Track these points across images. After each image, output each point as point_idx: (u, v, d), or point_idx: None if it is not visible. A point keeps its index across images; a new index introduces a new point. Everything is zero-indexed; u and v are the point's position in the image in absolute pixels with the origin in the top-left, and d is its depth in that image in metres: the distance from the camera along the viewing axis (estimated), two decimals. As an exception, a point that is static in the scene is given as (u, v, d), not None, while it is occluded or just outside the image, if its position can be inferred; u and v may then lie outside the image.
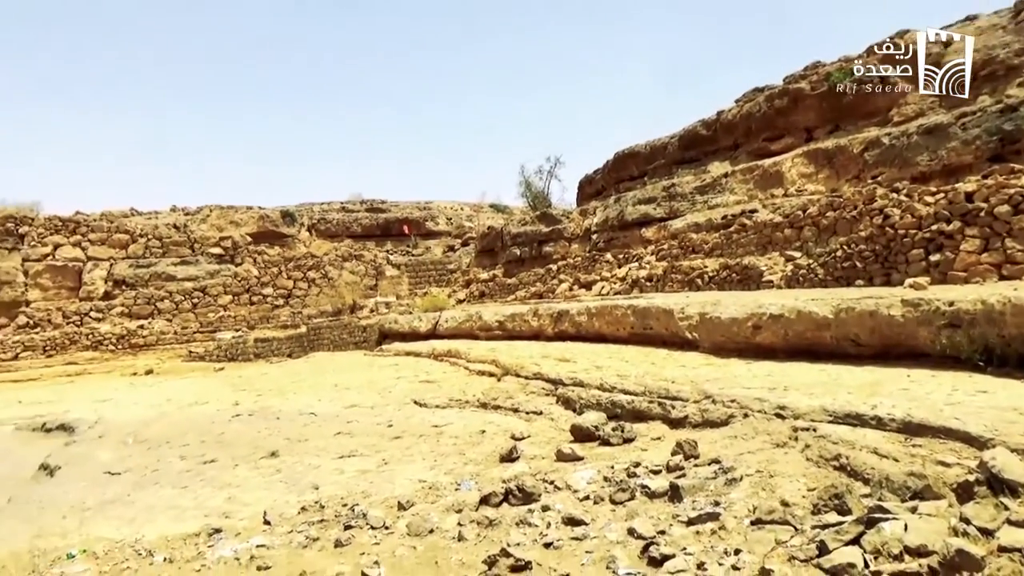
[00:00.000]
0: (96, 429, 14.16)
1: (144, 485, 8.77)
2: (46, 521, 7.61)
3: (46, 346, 28.97)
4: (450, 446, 9.35)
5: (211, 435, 11.86)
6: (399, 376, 17.08)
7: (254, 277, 34.94)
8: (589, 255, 24.51)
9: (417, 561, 5.17)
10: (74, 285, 33.29)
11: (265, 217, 38.79)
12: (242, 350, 28.75)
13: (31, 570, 6.16)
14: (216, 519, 7.00)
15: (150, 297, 32.84)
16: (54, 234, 33.74)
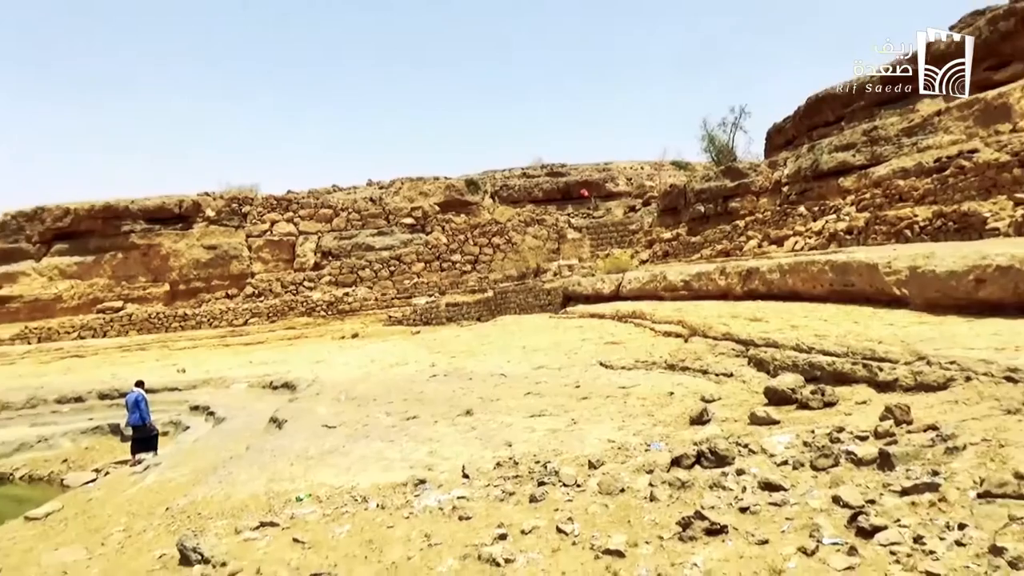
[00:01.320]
0: (313, 387, 15.67)
1: (356, 438, 9.59)
2: (277, 467, 8.56)
3: (269, 313, 32.39)
4: (638, 407, 9.33)
5: (412, 393, 12.71)
6: (584, 338, 17.25)
7: (443, 244, 36.67)
8: (779, 209, 23.11)
9: (610, 519, 5.24)
10: (289, 257, 36.84)
11: (451, 187, 40.41)
12: (435, 314, 30.41)
13: (268, 510, 6.98)
14: (420, 471, 7.52)
15: (353, 266, 35.59)
16: (271, 211, 37.48)
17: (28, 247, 37.19)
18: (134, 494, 9.61)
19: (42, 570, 6.97)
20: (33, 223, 37.52)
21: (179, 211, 37.12)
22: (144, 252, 36.45)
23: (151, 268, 36.54)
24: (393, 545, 5.43)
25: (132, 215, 36.81)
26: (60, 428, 18.20)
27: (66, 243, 37.16)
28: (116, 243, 36.64)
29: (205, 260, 36.02)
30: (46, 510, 9.99)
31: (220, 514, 7.12)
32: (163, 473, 10.52)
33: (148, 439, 13.43)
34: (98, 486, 11.58)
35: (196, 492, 8.15)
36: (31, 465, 16.84)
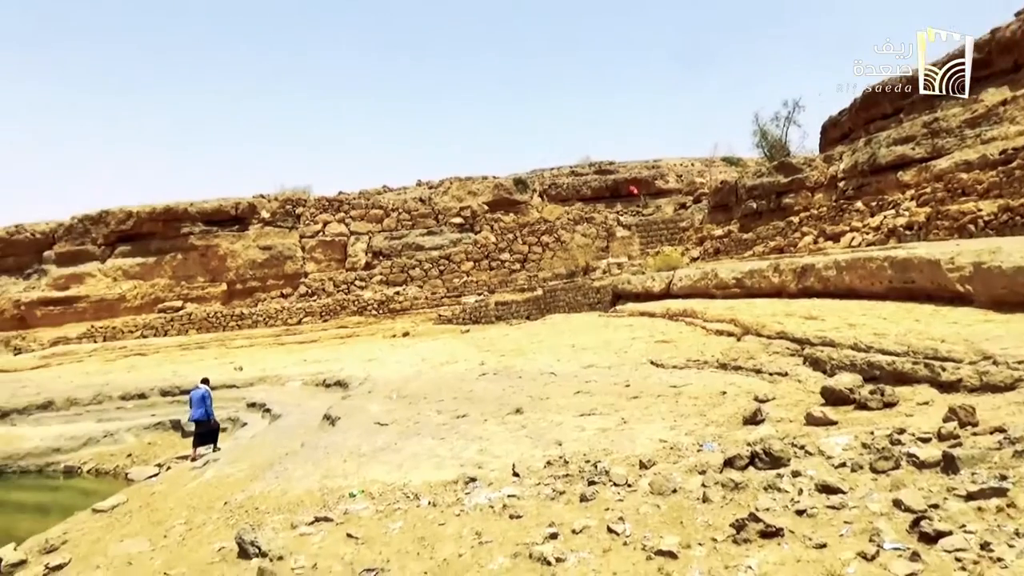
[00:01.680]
0: (365, 385, 15.91)
1: (408, 435, 9.70)
2: (331, 464, 8.72)
3: (322, 312, 32.99)
4: (689, 407, 9.21)
5: (461, 392, 12.80)
6: (634, 336, 17.11)
7: (492, 243, 36.80)
8: (835, 204, 22.51)
9: (661, 520, 5.19)
10: (341, 257, 37.46)
11: (499, 186, 40.50)
12: (484, 313, 30.52)
13: (322, 505, 7.11)
14: (471, 469, 7.56)
15: (403, 266, 35.99)
16: (323, 212, 38.16)
17: (94, 249, 38.64)
18: (194, 488, 9.90)
19: (108, 560, 7.23)
20: (98, 226, 38.96)
21: (235, 213, 38.08)
22: (202, 253, 37.51)
23: (209, 268, 37.57)
24: (444, 542, 5.48)
25: (191, 217, 37.91)
26: (124, 424, 18.87)
27: (129, 245, 38.50)
28: (176, 244, 37.80)
29: (260, 260, 36.87)
30: (112, 503, 10.37)
31: (276, 509, 7.28)
32: (222, 468, 10.80)
33: (210, 433, 13.84)
34: (160, 480, 11.97)
35: (253, 487, 8.35)
36: (97, 459, 17.51)
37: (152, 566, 6.56)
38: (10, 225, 40.63)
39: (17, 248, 40.07)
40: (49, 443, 17.98)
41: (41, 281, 38.67)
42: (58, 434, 18.48)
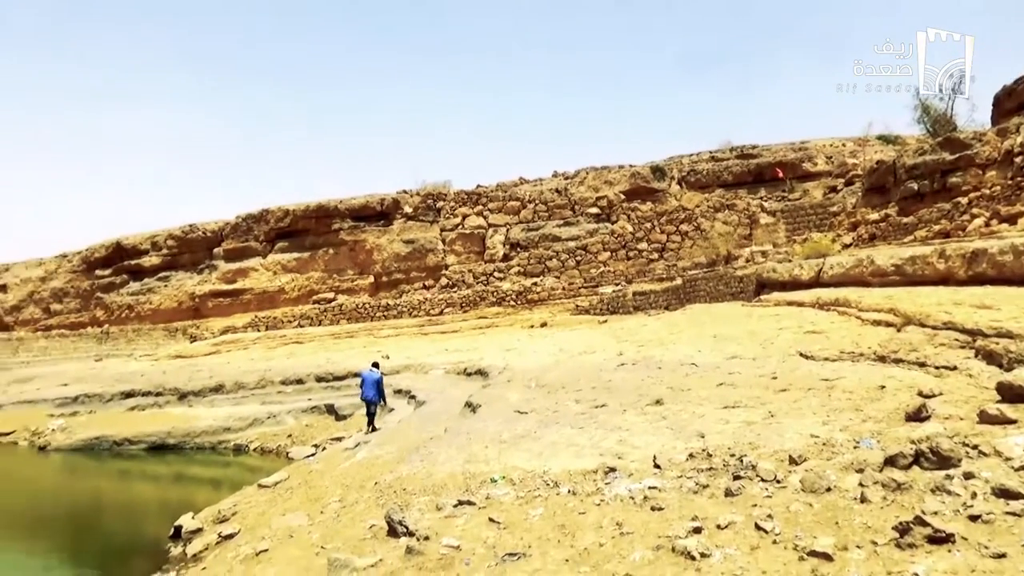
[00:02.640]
0: (505, 374, 16.18)
1: (547, 424, 9.76)
2: (473, 449, 8.93)
3: (462, 303, 33.89)
4: (843, 401, 8.66)
5: (600, 382, 12.73)
6: (781, 327, 16.33)
7: (629, 233, 36.32)
8: (1011, 182, 20.33)
9: (814, 519, 4.91)
10: (480, 249, 38.28)
11: (636, 174, 39.84)
12: (622, 303, 30.21)
13: (465, 489, 7.30)
14: (610, 459, 7.50)
15: (540, 257, 36.27)
16: (462, 206, 39.14)
17: (256, 245, 41.80)
18: (347, 468, 10.47)
19: (272, 532, 7.81)
20: (259, 224, 42.10)
21: (381, 208, 39.88)
22: (351, 247, 39.59)
23: (357, 262, 39.60)
24: (585, 531, 5.47)
25: (340, 214, 40.11)
26: (285, 407, 20.29)
27: (286, 241, 41.32)
28: (328, 240, 40.16)
29: (404, 253, 38.40)
30: (275, 479, 11.20)
31: (422, 491, 7.55)
32: (372, 450, 11.35)
33: (375, 413, 14.59)
34: (317, 460, 12.76)
35: (401, 469, 8.71)
36: (262, 439, 18.94)
37: (310, 539, 7.00)
38: (185, 225, 44.72)
39: (191, 246, 44.05)
40: (220, 423, 19.67)
41: (212, 275, 42.30)
42: (228, 415, 20.18)
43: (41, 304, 48.44)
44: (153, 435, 19.52)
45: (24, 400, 26.07)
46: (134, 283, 44.87)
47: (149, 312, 43.11)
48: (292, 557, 6.44)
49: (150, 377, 25.71)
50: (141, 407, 22.77)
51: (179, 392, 22.92)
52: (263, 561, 6.62)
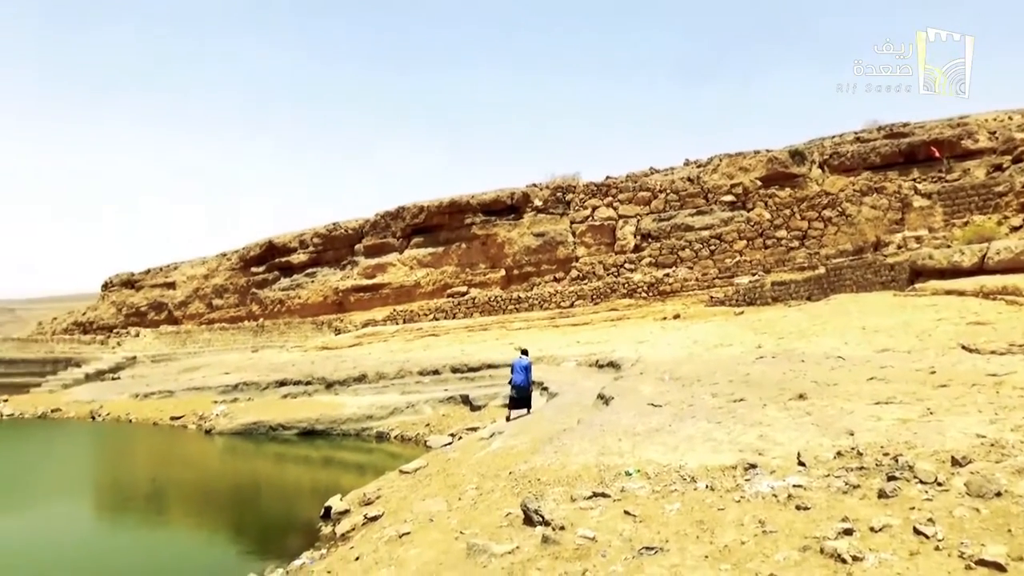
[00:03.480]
0: (637, 367, 15.99)
1: (682, 417, 9.55)
2: (606, 442, 8.89)
3: (593, 295, 33.77)
4: (1015, 398, 7.91)
5: (737, 375, 12.30)
6: (939, 318, 15.12)
7: (766, 220, 34.80)
8: None
9: (982, 525, 4.52)
10: (610, 241, 38.00)
11: (773, 159, 38.06)
12: (759, 294, 29.01)
13: (599, 481, 7.28)
14: (750, 454, 7.23)
15: (672, 247, 35.50)
16: (591, 197, 38.99)
17: (393, 241, 43.60)
18: (483, 457, 10.71)
19: (414, 516, 8.12)
20: (396, 220, 43.88)
21: (511, 202, 40.45)
22: (483, 241, 40.44)
23: (489, 256, 40.40)
24: (725, 528, 5.31)
25: (472, 209, 41.06)
26: (423, 396, 21.06)
27: (421, 236, 42.83)
28: (460, 234, 41.24)
29: (534, 247, 38.76)
30: (415, 466, 11.65)
31: (556, 481, 7.60)
32: (506, 441, 11.55)
33: (524, 399, 14.86)
34: (454, 448, 13.15)
35: (535, 460, 8.80)
36: (402, 427, 19.75)
37: (449, 524, 7.23)
38: (329, 223, 47.34)
39: (335, 243, 46.60)
40: (364, 411, 20.69)
41: (353, 271, 44.54)
42: (370, 403, 21.20)
43: (204, 300, 52.84)
44: (304, 421, 20.83)
45: (192, 387, 28.60)
46: (284, 279, 48.07)
47: (298, 306, 46.01)
48: (433, 540, 6.67)
49: (300, 367, 27.43)
50: (293, 395, 24.37)
51: (326, 381, 24.33)
52: (406, 543, 6.90)
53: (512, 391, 14.60)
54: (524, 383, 14.50)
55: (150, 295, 56.72)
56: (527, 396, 14.92)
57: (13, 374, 35.84)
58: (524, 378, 14.46)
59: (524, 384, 14.50)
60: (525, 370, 14.53)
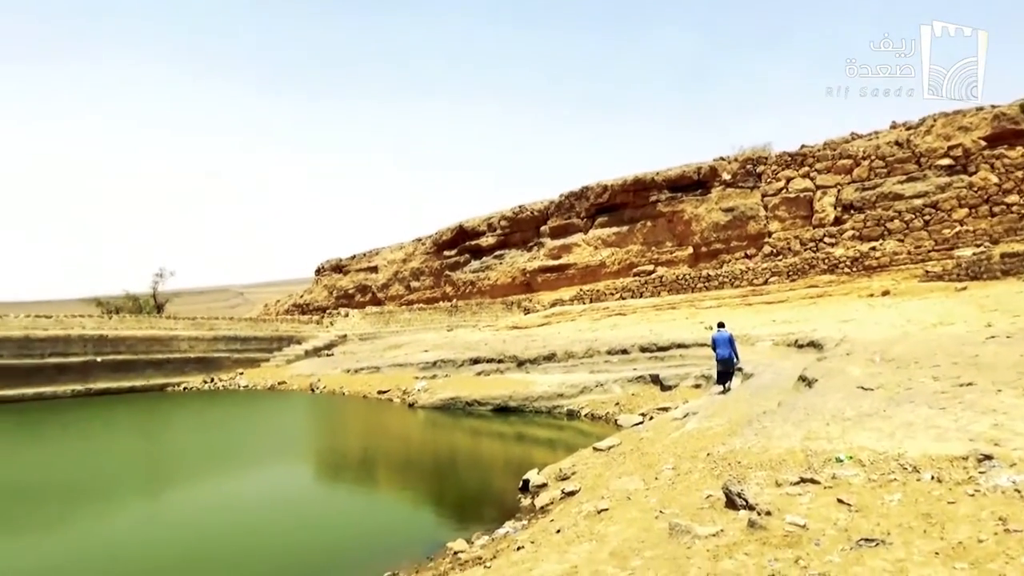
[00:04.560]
0: (842, 347, 14.96)
1: (898, 402, 8.82)
2: (812, 426, 8.43)
3: (788, 271, 31.91)
4: None
5: (963, 357, 11.14)
6: None
7: (993, 185, 30.90)
8: None
9: None
10: (806, 214, 35.68)
11: (1000, 116, 33.59)
12: (986, 267, 25.91)
13: (806, 467, 6.93)
14: (983, 444, 6.54)
15: (878, 218, 32.62)
16: (785, 169, 36.79)
17: (577, 222, 43.91)
18: (677, 438, 10.58)
19: (611, 493, 8.21)
20: (580, 200, 44.13)
21: (697, 177, 39.20)
22: (669, 219, 39.60)
23: (675, 233, 39.50)
24: (957, 523, 4.86)
25: (657, 186, 40.29)
26: (611, 376, 21.10)
27: (605, 216, 42.74)
28: (645, 212, 40.66)
29: (723, 222, 37.33)
30: (608, 444, 11.75)
31: (758, 465, 7.34)
32: (700, 422, 11.31)
33: (727, 373, 14.62)
34: (646, 428, 13.10)
35: (733, 442, 8.55)
36: (591, 405, 19.95)
37: (648, 503, 7.23)
38: (515, 206, 48.60)
39: (521, 225, 47.78)
40: (554, 389, 21.13)
41: (539, 252, 45.44)
42: (560, 382, 21.60)
43: (403, 282, 56.43)
44: (497, 398, 21.68)
45: (396, 364, 30.74)
46: (475, 261, 50.11)
47: (488, 287, 47.79)
48: (631, 518, 6.71)
49: (492, 346, 28.52)
50: (486, 372, 25.42)
51: (517, 360, 25.11)
52: (604, 519, 7.00)
53: (719, 365, 14.37)
54: (729, 356, 14.19)
55: (356, 278, 61.58)
56: (732, 370, 14.61)
57: (247, 350, 40.52)
58: (729, 351, 14.15)
59: (729, 357, 14.20)
60: (729, 343, 14.21)
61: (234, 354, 39.56)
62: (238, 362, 39.20)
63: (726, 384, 14.40)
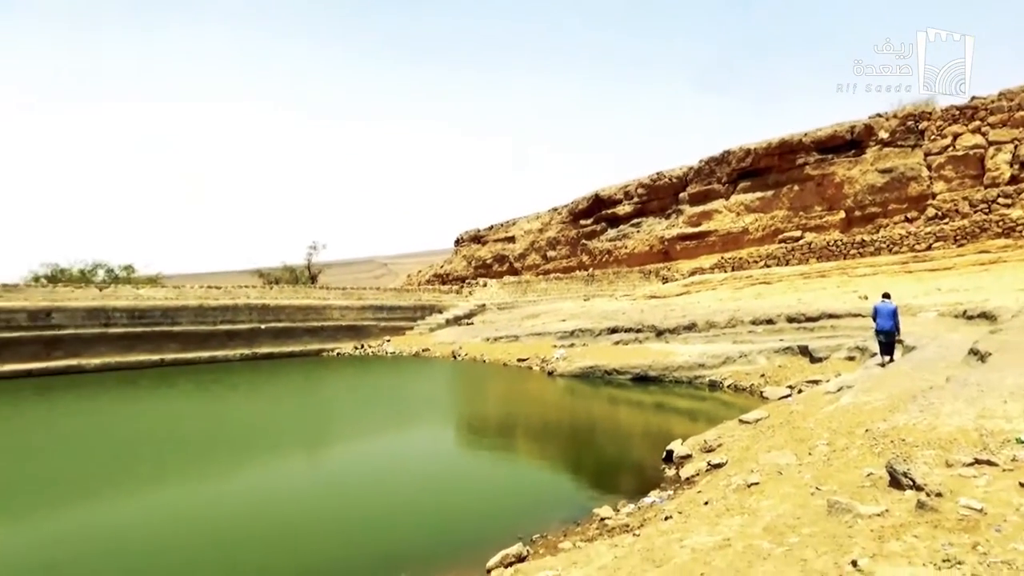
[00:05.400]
0: (1020, 318, 13.67)
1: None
2: (987, 403, 7.79)
3: (955, 235, 29.32)
4: None
5: None
6: None
7: None
8: None
9: None
10: (976, 173, 32.55)
11: None
12: None
13: (981, 447, 6.43)
14: None
15: (1065, 175, 29.21)
16: (951, 124, 33.64)
17: (718, 187, 42.38)
18: (831, 412, 10.09)
19: (760, 467, 7.99)
20: (721, 165, 42.52)
21: (851, 137, 36.65)
22: (818, 182, 37.35)
23: (825, 197, 37.23)
24: None
25: (805, 148, 38.05)
26: (756, 347, 20.39)
27: (748, 181, 40.95)
28: (791, 176, 38.57)
29: (879, 184, 34.78)
30: (755, 416, 11.41)
31: (925, 444, 6.89)
32: (857, 396, 10.73)
33: (891, 344, 13.88)
34: (795, 401, 12.59)
35: (895, 418, 8.06)
36: (734, 376, 19.41)
37: (801, 479, 6.98)
38: (653, 173, 47.60)
39: (659, 192, 46.78)
40: (695, 359, 20.71)
41: (678, 219, 44.36)
42: (701, 352, 21.13)
43: (540, 252, 56.91)
44: (636, 367, 21.53)
45: (534, 332, 31.20)
46: (611, 230, 49.67)
47: (625, 256, 47.30)
48: (785, 493, 6.50)
49: (629, 315, 28.30)
50: (624, 342, 25.30)
51: (656, 329, 24.79)
52: (756, 493, 6.83)
53: (880, 337, 13.58)
54: (891, 328, 13.37)
55: (493, 248, 62.78)
56: (893, 342, 13.76)
57: (393, 318, 42.52)
58: (891, 323, 13.33)
59: (891, 329, 13.37)
60: (892, 315, 13.37)
61: (381, 322, 41.63)
62: (385, 330, 41.21)
63: (887, 357, 13.55)
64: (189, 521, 9.45)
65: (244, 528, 8.92)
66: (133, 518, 9.70)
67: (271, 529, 8.74)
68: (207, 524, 9.32)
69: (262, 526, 8.94)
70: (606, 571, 5.07)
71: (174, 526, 9.16)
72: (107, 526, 9.40)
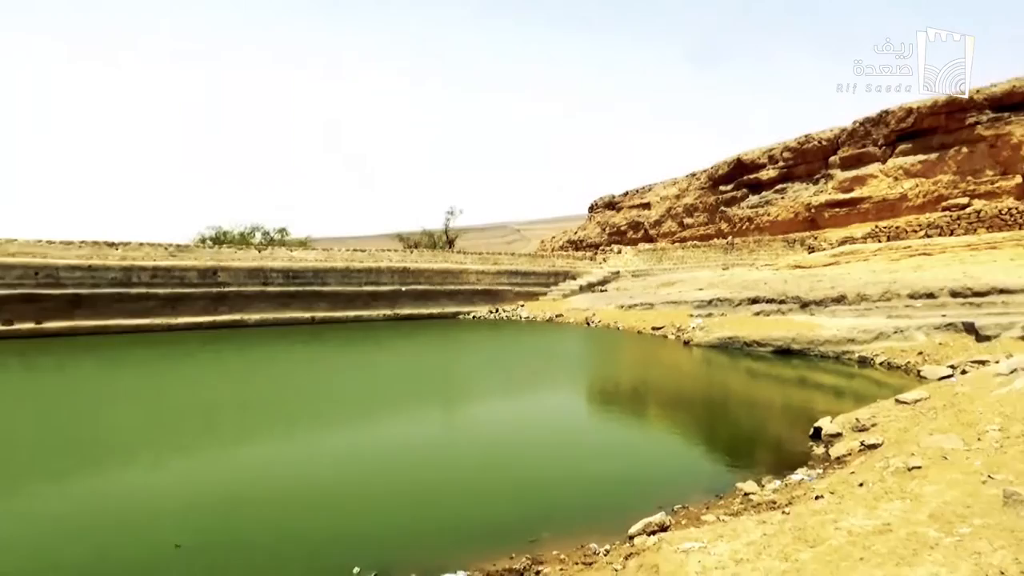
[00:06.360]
0: None
1: None
2: None
3: None
4: None
5: None
6: None
7: None
8: None
9: None
10: None
11: None
12: None
13: None
14: None
15: None
16: None
17: (874, 150, 39.50)
18: (1003, 396, 9.30)
19: (921, 450, 7.51)
20: (878, 127, 39.55)
21: (1032, 93, 33.04)
22: (991, 144, 34.01)
23: (999, 160, 33.88)
24: None
25: (976, 106, 34.70)
26: (913, 322, 19.04)
27: (908, 143, 37.90)
28: (959, 137, 35.36)
29: (1067, 145, 31.21)
30: (914, 396, 10.69)
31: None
32: (1036, 380, 9.82)
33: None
34: (960, 382, 11.68)
35: (1083, 406, 7.33)
36: (888, 353, 18.26)
37: (970, 465, 6.51)
38: (800, 136, 45.01)
39: (806, 156, 44.22)
40: (844, 334, 19.63)
41: (827, 185, 41.83)
42: (851, 326, 19.98)
43: (676, 219, 55.59)
44: (778, 340, 20.69)
45: (669, 301, 30.69)
46: (753, 196, 47.64)
47: (767, 224, 45.29)
48: (951, 480, 6.08)
49: (772, 285, 27.13)
50: (765, 313, 24.35)
51: (800, 300, 23.67)
52: (917, 477, 6.43)
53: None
54: None
55: (628, 215, 61.93)
56: None
57: (526, 284, 43.13)
58: None
59: None
60: None
61: (515, 287, 42.33)
62: (519, 295, 41.89)
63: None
64: (334, 466, 10.11)
65: (385, 484, 9.37)
66: (292, 455, 10.47)
67: (413, 485, 9.15)
68: (353, 473, 9.91)
69: (404, 481, 9.37)
70: (755, 547, 4.97)
71: (326, 471, 9.82)
72: (265, 464, 10.17)
